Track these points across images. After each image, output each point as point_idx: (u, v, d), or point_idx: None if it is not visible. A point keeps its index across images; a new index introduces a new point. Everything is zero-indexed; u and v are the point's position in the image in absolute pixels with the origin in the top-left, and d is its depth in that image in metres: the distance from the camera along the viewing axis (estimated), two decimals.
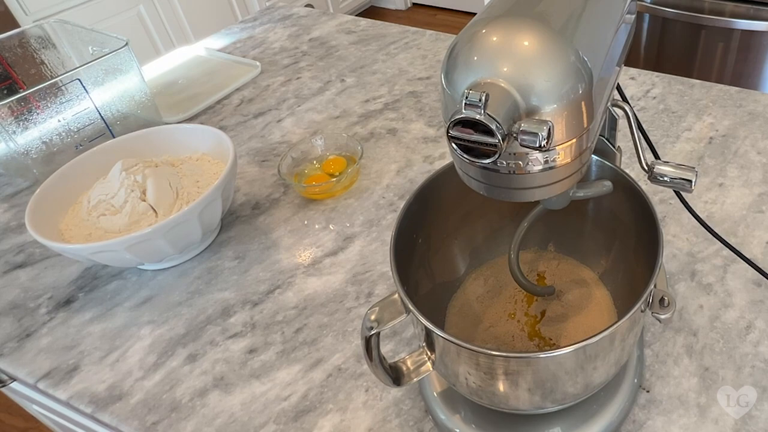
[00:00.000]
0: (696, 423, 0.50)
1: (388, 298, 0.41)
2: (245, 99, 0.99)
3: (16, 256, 0.72)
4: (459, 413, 0.50)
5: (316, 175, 0.78)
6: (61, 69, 0.95)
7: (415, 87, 0.99)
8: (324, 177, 0.77)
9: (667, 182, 0.42)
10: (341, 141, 0.81)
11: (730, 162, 0.77)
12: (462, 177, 0.39)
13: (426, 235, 0.51)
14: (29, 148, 0.78)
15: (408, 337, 0.58)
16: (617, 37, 0.39)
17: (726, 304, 0.59)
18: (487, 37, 0.33)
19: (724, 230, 0.67)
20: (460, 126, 0.31)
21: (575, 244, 0.58)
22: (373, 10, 3.40)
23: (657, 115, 0.87)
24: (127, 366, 0.58)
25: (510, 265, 0.52)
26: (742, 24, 1.40)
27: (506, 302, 0.55)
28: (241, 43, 1.17)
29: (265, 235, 0.72)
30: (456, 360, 0.41)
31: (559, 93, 0.32)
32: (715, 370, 0.53)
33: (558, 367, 0.39)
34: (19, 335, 0.62)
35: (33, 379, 0.57)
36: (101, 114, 0.85)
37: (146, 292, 0.66)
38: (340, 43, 1.14)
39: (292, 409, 0.53)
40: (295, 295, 0.64)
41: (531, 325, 0.54)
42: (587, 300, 0.55)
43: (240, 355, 0.58)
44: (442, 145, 0.84)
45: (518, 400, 0.42)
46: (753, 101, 0.88)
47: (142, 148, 0.73)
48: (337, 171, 0.78)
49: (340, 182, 0.75)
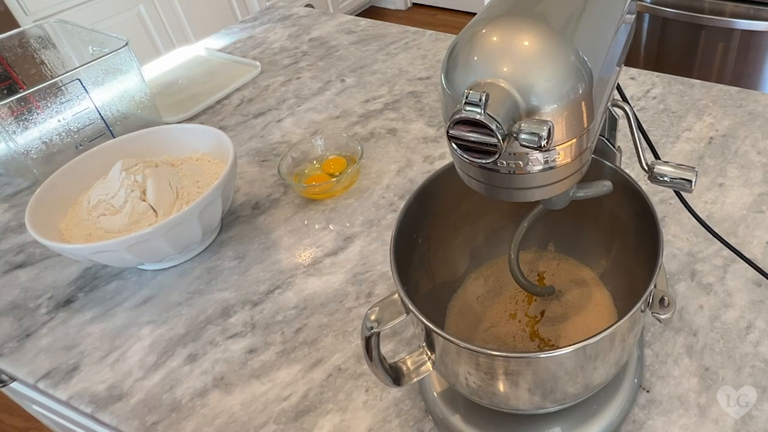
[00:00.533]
0: (696, 423, 0.50)
1: (388, 298, 0.41)
2: (245, 99, 0.99)
3: (16, 256, 0.72)
4: (459, 413, 0.50)
5: (316, 175, 0.78)
6: (61, 69, 0.95)
7: (415, 87, 0.99)
8: (324, 177, 0.77)
9: (667, 182, 0.42)
10: (341, 141, 0.81)
11: (730, 162, 0.77)
12: (462, 177, 0.39)
13: (426, 235, 0.51)
14: (29, 148, 0.78)
15: (408, 337, 0.58)
16: (617, 37, 0.39)
17: (726, 304, 0.59)
18: (487, 37, 0.33)
19: (724, 230, 0.67)
20: (460, 126, 0.31)
21: (575, 244, 0.58)
22: (373, 10, 3.40)
23: (657, 115, 0.87)
24: (127, 366, 0.58)
25: (510, 265, 0.52)
26: (742, 24, 1.40)
27: (506, 302, 0.55)
28: (241, 43, 1.17)
29: (265, 235, 0.72)
30: (456, 360, 0.41)
31: (559, 93, 0.32)
32: (715, 370, 0.53)
33: (558, 367, 0.39)
34: (19, 335, 0.62)
35: (33, 379, 0.57)
36: (101, 114, 0.85)
37: (146, 292, 0.66)
38: (340, 43, 1.14)
39: (292, 409, 0.53)
40: (295, 295, 0.64)
41: (532, 325, 0.54)
42: (587, 300, 0.55)
43: (240, 355, 0.58)
44: (442, 145, 0.84)
45: (518, 400, 0.42)
46: (753, 101, 0.88)
47: (142, 148, 0.73)
48: (337, 171, 0.78)
49: (340, 182, 0.75)
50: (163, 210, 0.65)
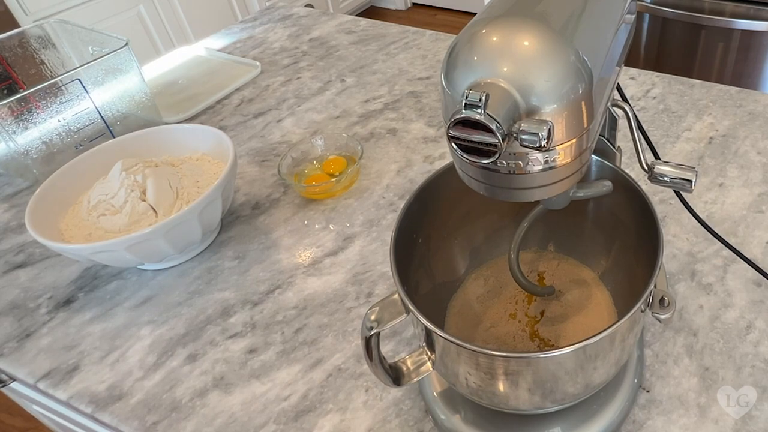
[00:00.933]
0: (696, 423, 0.50)
1: (388, 298, 0.41)
2: (245, 99, 0.99)
3: (16, 256, 0.72)
4: (459, 413, 0.50)
5: (316, 175, 0.78)
6: (61, 69, 0.95)
7: (415, 87, 0.99)
8: (324, 177, 0.77)
9: (667, 182, 0.42)
10: (341, 141, 0.81)
11: (730, 162, 0.77)
12: (462, 177, 0.39)
13: (426, 235, 0.51)
14: (29, 148, 0.78)
15: (408, 337, 0.58)
16: (617, 37, 0.39)
17: (726, 304, 0.59)
18: (487, 37, 0.33)
19: (724, 230, 0.67)
20: (460, 126, 0.31)
21: (575, 244, 0.58)
22: (373, 10, 3.40)
23: (657, 115, 0.87)
24: (127, 366, 0.58)
25: (510, 265, 0.52)
26: (742, 24, 1.40)
27: (507, 302, 0.55)
28: (241, 43, 1.17)
29: (265, 235, 0.72)
30: (456, 360, 0.41)
31: (559, 93, 0.32)
32: (715, 370, 0.53)
33: (558, 367, 0.39)
34: (19, 335, 0.62)
35: (33, 379, 0.57)
36: (101, 114, 0.85)
37: (146, 292, 0.66)
38: (340, 43, 1.14)
39: (292, 409, 0.53)
40: (295, 295, 0.64)
41: (531, 325, 0.54)
42: (587, 300, 0.55)
43: (240, 355, 0.58)
44: (442, 145, 0.84)
45: (518, 400, 0.42)
46: (753, 101, 0.88)
47: (142, 148, 0.73)
48: (337, 171, 0.78)
49: (340, 182, 0.75)
50: (163, 210, 0.65)
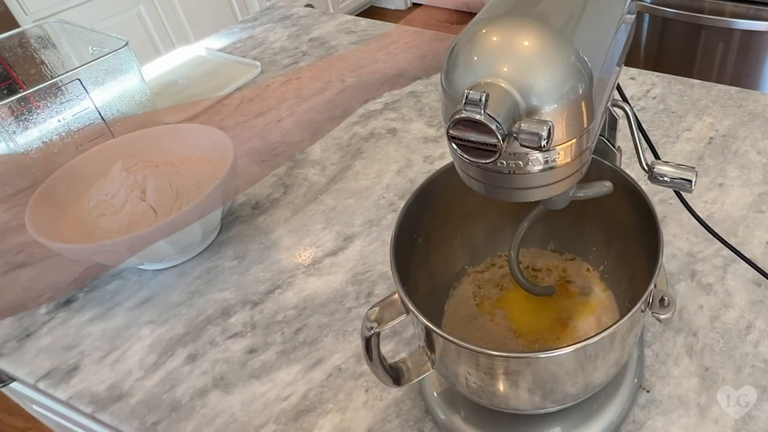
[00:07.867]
0: (696, 423, 0.50)
1: (388, 298, 0.41)
2: (245, 99, 0.99)
3: (16, 256, 0.72)
4: (459, 413, 0.50)
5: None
6: (61, 69, 0.95)
7: (415, 87, 0.98)
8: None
9: (667, 182, 0.42)
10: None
11: (730, 162, 0.77)
12: (462, 177, 0.39)
13: (426, 235, 0.51)
14: (29, 148, 0.78)
15: (408, 337, 0.58)
16: (617, 37, 0.39)
17: (726, 304, 0.59)
18: (487, 37, 0.33)
19: (724, 230, 0.67)
20: (460, 126, 0.31)
21: (575, 244, 0.58)
22: (373, 10, 3.40)
23: (657, 115, 0.87)
24: (127, 366, 0.58)
25: (510, 265, 0.52)
26: (742, 24, 1.40)
27: (506, 302, 0.55)
28: (241, 43, 1.17)
29: (265, 235, 0.72)
30: (456, 360, 0.41)
31: (559, 93, 0.32)
32: (715, 370, 0.53)
33: (558, 367, 0.39)
34: (19, 335, 0.62)
35: (33, 379, 0.57)
36: (101, 114, 0.85)
37: (146, 292, 0.65)
38: (340, 43, 1.14)
39: (292, 409, 0.53)
40: (295, 295, 0.64)
41: (532, 325, 0.53)
42: (587, 300, 0.55)
43: (240, 355, 0.58)
44: (442, 145, 0.84)
45: (518, 400, 0.42)
46: (753, 101, 0.88)
47: (142, 148, 0.73)
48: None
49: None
50: (163, 210, 0.65)
